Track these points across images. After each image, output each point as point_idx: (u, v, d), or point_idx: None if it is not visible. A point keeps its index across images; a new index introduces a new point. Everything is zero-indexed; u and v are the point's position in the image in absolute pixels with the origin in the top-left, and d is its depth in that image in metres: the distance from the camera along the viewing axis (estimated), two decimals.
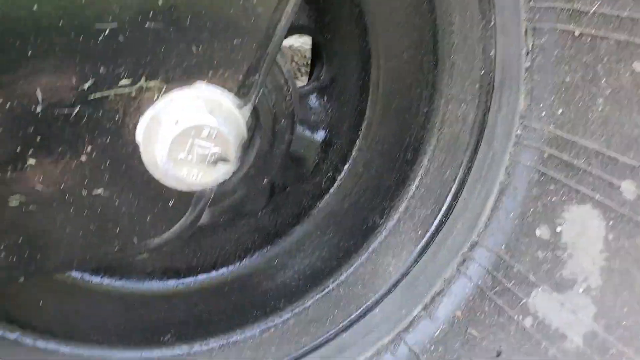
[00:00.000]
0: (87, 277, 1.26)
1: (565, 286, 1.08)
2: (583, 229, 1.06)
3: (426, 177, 1.33)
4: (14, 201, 0.88)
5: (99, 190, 0.91)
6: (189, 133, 0.87)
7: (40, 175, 0.88)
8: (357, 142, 1.33)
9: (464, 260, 1.23)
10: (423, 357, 1.20)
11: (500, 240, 1.18)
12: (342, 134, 1.34)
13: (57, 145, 0.87)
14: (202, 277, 1.35)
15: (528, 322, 1.11)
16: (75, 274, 1.25)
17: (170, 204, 0.96)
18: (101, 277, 1.27)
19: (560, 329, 1.06)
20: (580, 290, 1.06)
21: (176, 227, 0.99)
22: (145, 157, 0.90)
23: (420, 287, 1.28)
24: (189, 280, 1.34)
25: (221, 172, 0.92)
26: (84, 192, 0.91)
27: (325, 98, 1.36)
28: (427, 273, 1.28)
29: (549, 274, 1.10)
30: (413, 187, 1.35)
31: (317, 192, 1.36)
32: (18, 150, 0.85)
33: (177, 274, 1.33)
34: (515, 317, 1.12)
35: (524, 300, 1.12)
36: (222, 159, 0.90)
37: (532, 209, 1.14)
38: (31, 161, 0.86)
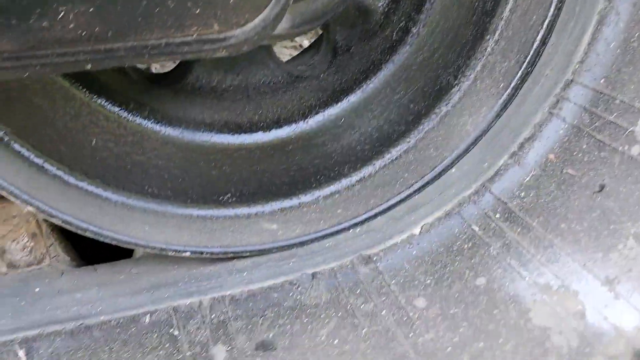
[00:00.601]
0: (143, 122, 1.16)
1: None
2: None
3: (507, 28, 1.22)
4: None
5: None
6: None
7: None
8: None
9: (556, 102, 1.13)
10: (512, 203, 1.10)
11: (599, 74, 1.08)
12: None
13: None
14: (264, 133, 1.25)
15: (635, 150, 1.00)
16: (131, 117, 1.15)
17: None
18: (158, 123, 1.17)
19: None
20: None
21: (259, 19, 0.89)
22: None
23: (504, 138, 1.18)
24: (251, 136, 1.24)
25: None
26: None
27: None
28: (512, 124, 1.18)
29: None
30: (492, 42, 1.24)
31: (387, 45, 1.27)
32: None
33: (239, 127, 1.23)
34: (620, 148, 1.02)
35: (630, 129, 1.02)
36: None
37: (637, 33, 1.04)
38: None
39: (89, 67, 0.86)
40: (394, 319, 1.01)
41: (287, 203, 1.26)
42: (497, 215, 1.10)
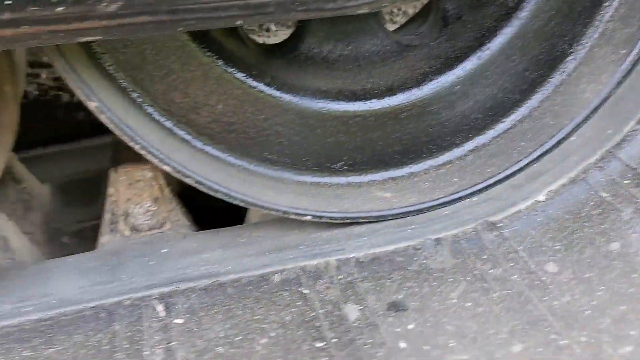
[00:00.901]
0: (265, 88, 1.17)
1: None
2: None
3: None
4: None
5: None
6: None
7: None
8: None
9: None
10: None
11: None
12: None
13: None
14: (378, 101, 1.24)
15: None
16: (254, 84, 1.16)
17: None
18: (279, 91, 1.18)
19: None
20: None
21: None
22: None
23: (629, 105, 1.15)
24: (365, 103, 1.24)
25: None
26: None
27: None
28: (638, 89, 1.15)
29: None
30: (611, 10, 1.21)
31: (502, 12, 1.24)
32: None
33: (353, 95, 1.23)
34: None
35: None
36: None
37: None
38: None
39: (239, 22, 0.88)
40: (526, 283, 1.00)
41: (397, 172, 1.26)
42: (627, 182, 1.08)
